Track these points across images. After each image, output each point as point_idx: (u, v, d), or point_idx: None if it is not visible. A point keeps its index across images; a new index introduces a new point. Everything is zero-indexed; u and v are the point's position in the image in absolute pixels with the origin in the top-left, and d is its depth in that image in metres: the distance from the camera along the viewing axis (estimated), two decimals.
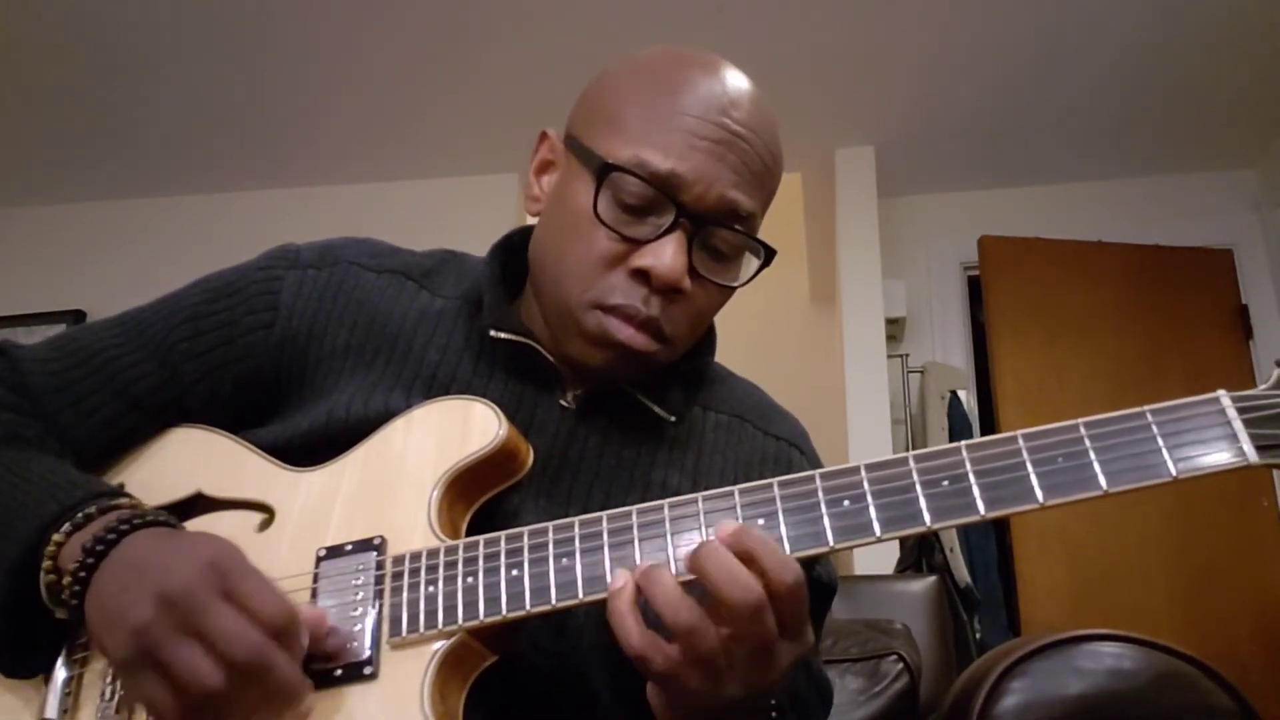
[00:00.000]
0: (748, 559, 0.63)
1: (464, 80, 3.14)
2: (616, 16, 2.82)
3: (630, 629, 0.64)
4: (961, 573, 2.93)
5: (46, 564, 0.70)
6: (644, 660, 0.64)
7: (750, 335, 3.67)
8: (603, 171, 0.79)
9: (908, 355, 3.55)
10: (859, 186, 3.47)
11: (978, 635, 2.88)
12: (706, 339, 0.92)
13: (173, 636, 0.62)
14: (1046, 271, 3.46)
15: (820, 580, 0.90)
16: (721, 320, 0.91)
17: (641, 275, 0.79)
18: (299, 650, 0.66)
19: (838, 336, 3.42)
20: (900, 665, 1.42)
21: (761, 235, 0.84)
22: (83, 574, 0.68)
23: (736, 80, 0.84)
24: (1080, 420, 0.66)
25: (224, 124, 3.33)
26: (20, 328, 3.47)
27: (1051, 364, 3.34)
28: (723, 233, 0.81)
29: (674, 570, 0.67)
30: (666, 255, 0.78)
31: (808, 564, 0.68)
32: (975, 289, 3.62)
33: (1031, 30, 2.93)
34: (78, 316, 3.51)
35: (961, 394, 3.31)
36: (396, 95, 3.22)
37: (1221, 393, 0.66)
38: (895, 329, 3.55)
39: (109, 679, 0.73)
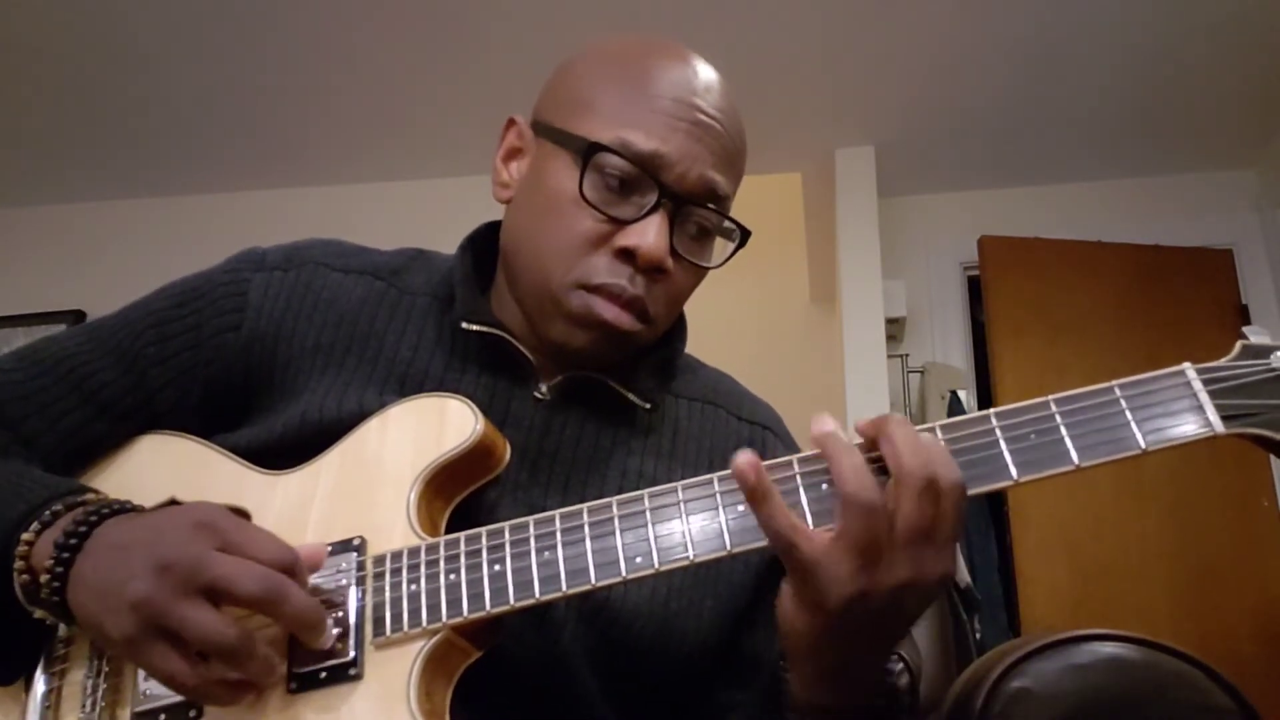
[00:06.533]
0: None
1: (464, 80, 3.13)
2: (617, 17, 2.82)
3: (776, 509, 0.62)
4: (961, 573, 2.92)
5: (19, 564, 0.70)
6: (790, 546, 0.62)
7: (750, 335, 3.66)
8: (588, 152, 0.79)
9: (908, 355, 3.54)
10: (859, 186, 3.46)
11: (978, 635, 2.86)
12: (678, 327, 0.92)
13: (178, 599, 0.63)
14: (1046, 271, 3.45)
15: None
16: (721, 320, 0.91)
17: (626, 255, 0.80)
18: (305, 585, 0.67)
19: (838, 336, 3.41)
20: (900, 665, 1.41)
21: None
22: (59, 569, 0.67)
23: (704, 68, 0.86)
24: (1051, 397, 0.66)
25: (224, 124, 3.33)
26: (20, 328, 3.46)
27: (1051, 364, 3.33)
28: (701, 213, 0.82)
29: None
30: (651, 234, 0.79)
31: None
32: (975, 289, 3.60)
33: (1032, 30, 2.92)
34: (78, 316, 3.50)
35: (961, 394, 3.30)
36: (396, 95, 3.22)
37: (1187, 365, 0.67)
38: (895, 329, 3.54)
39: (89, 689, 0.72)
